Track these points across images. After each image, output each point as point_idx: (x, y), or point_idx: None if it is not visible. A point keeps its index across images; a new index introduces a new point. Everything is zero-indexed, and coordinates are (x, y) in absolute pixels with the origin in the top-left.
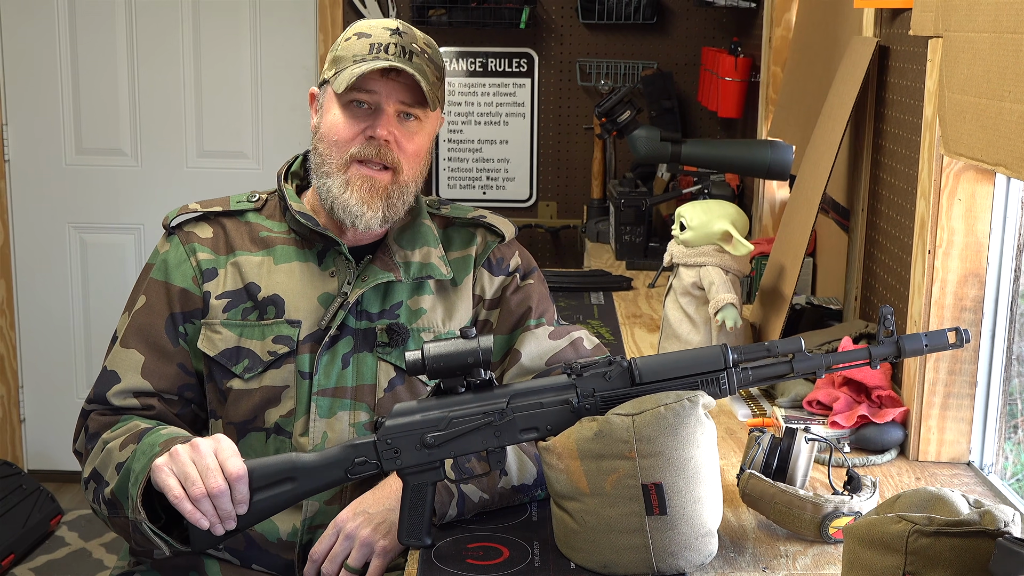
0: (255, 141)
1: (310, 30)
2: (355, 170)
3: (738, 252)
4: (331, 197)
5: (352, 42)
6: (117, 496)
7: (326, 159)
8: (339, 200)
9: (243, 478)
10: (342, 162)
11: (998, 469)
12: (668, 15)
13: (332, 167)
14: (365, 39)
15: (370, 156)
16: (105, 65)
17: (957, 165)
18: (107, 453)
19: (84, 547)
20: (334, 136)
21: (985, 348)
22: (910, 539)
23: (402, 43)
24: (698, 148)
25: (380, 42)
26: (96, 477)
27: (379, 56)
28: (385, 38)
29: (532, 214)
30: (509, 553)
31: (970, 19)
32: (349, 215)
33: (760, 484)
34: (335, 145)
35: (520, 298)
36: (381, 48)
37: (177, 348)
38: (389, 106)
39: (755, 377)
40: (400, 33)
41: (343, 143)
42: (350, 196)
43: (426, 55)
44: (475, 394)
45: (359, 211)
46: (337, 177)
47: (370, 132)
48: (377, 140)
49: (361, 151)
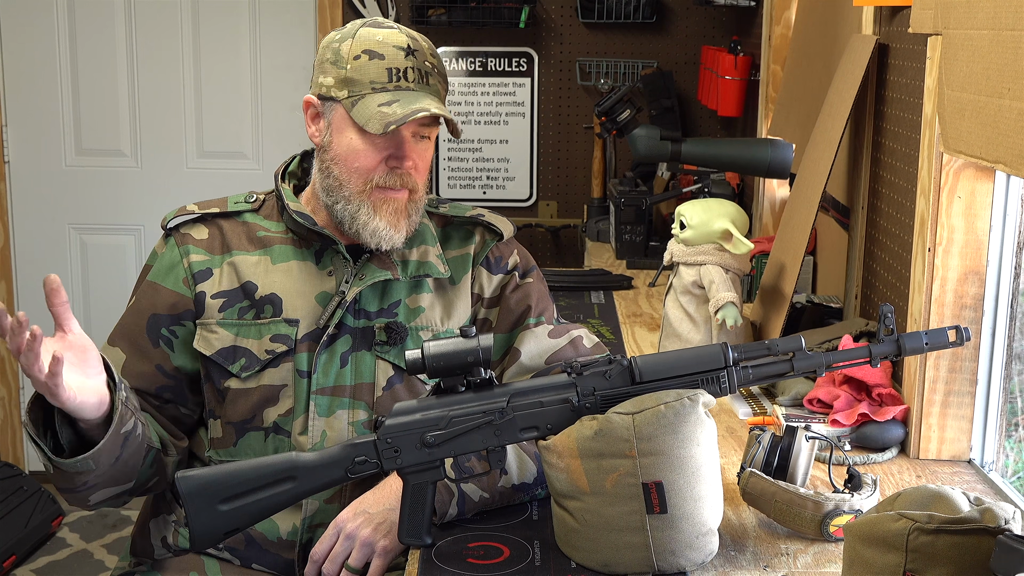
0: (255, 142)
1: (309, 31)
2: (378, 195)
3: (738, 251)
4: (357, 224)
5: (364, 63)
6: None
7: (344, 184)
8: (368, 226)
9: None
10: (364, 189)
11: (999, 467)
12: (668, 14)
13: (352, 192)
14: (379, 61)
15: (393, 185)
16: (105, 66)
17: (957, 163)
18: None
19: (85, 548)
20: (355, 164)
21: (985, 346)
22: (911, 537)
23: (417, 65)
24: (698, 147)
25: (397, 67)
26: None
27: (400, 85)
28: (400, 61)
29: (532, 213)
30: (510, 552)
31: (969, 16)
32: (376, 239)
33: (761, 482)
34: (356, 172)
35: (519, 296)
36: (400, 75)
37: (157, 349)
38: (408, 131)
39: (755, 376)
40: (412, 52)
41: (364, 171)
42: (380, 221)
43: (436, 70)
44: (475, 393)
45: (388, 234)
46: (361, 203)
47: (395, 164)
48: (402, 169)
49: (385, 180)
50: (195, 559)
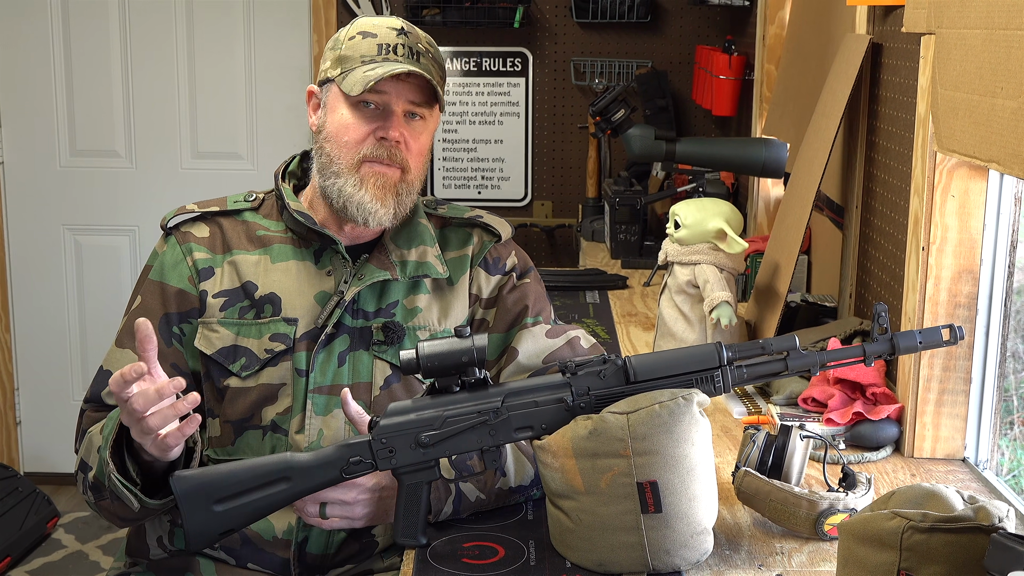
0: (249, 142)
1: (304, 31)
2: (367, 168)
3: (733, 250)
4: (344, 196)
5: (358, 41)
6: (98, 477)
7: (335, 159)
8: (353, 198)
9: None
10: (353, 163)
11: (993, 465)
12: (662, 14)
13: (342, 167)
14: (371, 39)
15: (381, 157)
16: (99, 67)
17: (950, 162)
18: (89, 440)
19: (81, 549)
20: (344, 137)
21: (979, 344)
22: (905, 535)
23: (408, 43)
24: (693, 146)
25: (388, 43)
26: (83, 467)
27: (388, 57)
28: (392, 38)
29: (527, 213)
30: (505, 552)
31: (962, 16)
32: (363, 212)
33: (755, 482)
34: (345, 146)
35: (517, 297)
36: (389, 49)
37: (170, 348)
38: (398, 107)
39: (750, 375)
40: (405, 33)
41: (353, 144)
42: (364, 193)
43: (430, 55)
44: (470, 393)
45: (373, 208)
46: (349, 176)
47: (381, 133)
48: (389, 141)
49: (373, 152)
50: (190, 560)
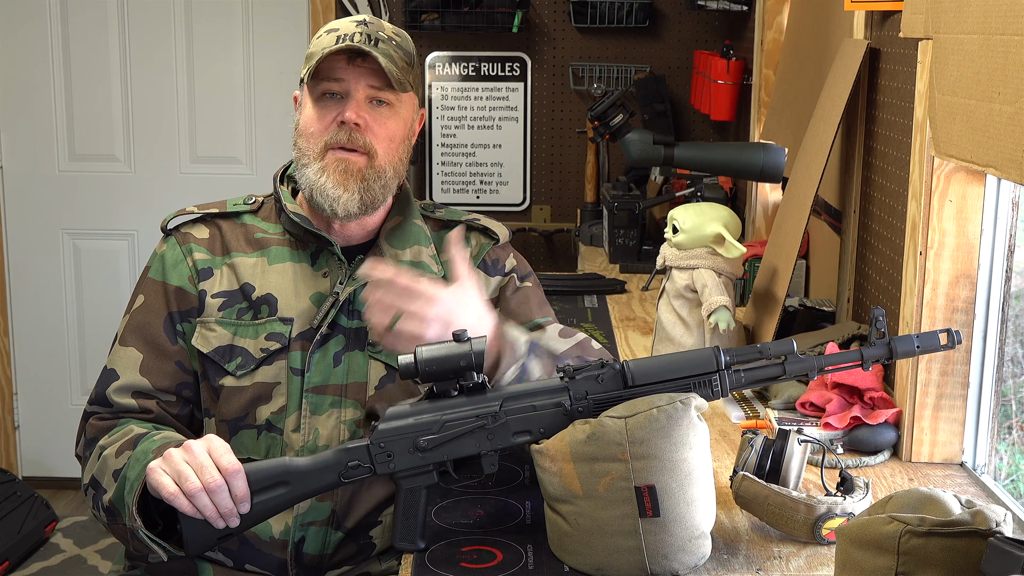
0: (248, 147)
1: (302, 36)
2: (331, 155)
3: (731, 255)
4: (309, 184)
5: (322, 37)
6: (115, 504)
7: (304, 152)
8: (316, 185)
9: (239, 473)
10: (318, 151)
11: (991, 470)
12: (660, 19)
13: (309, 158)
14: (333, 33)
15: (342, 141)
16: (98, 71)
17: (948, 166)
18: (104, 460)
19: (79, 554)
20: (309, 128)
21: (977, 349)
22: (902, 539)
23: (368, 31)
24: (691, 151)
25: (346, 32)
26: (95, 484)
27: (344, 46)
28: (351, 28)
29: (526, 218)
30: (503, 556)
31: (959, 21)
32: (327, 199)
33: (753, 486)
34: (311, 137)
35: (520, 299)
36: (347, 38)
37: (175, 346)
38: (358, 92)
39: (748, 379)
40: (367, 23)
41: (317, 133)
42: (326, 180)
43: (394, 42)
44: (468, 397)
45: (335, 194)
46: (314, 164)
47: (340, 117)
48: (347, 124)
49: (334, 138)
50: (188, 563)
